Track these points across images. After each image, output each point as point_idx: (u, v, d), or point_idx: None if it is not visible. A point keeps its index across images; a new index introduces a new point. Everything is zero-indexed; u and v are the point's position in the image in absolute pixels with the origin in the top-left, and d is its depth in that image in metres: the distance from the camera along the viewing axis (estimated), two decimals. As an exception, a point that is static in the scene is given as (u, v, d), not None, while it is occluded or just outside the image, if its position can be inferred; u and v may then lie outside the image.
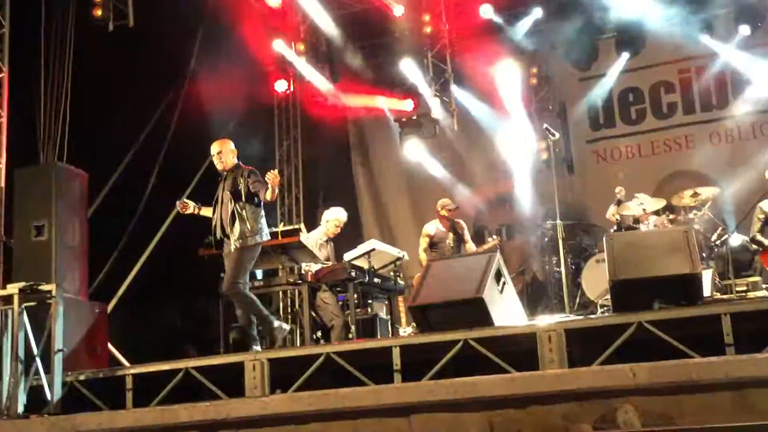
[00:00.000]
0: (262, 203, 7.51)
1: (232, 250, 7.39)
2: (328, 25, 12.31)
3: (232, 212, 7.45)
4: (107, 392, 6.65)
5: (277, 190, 7.30)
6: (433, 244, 10.31)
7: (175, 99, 10.71)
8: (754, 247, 9.66)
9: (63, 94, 8.36)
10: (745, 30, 11.89)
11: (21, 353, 6.38)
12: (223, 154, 7.64)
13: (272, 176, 7.22)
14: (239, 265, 7.38)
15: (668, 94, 12.98)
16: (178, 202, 7.77)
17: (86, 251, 7.87)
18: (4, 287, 7.21)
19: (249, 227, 7.42)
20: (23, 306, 6.45)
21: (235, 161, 7.67)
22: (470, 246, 10.29)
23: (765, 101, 12.13)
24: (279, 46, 12.17)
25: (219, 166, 7.66)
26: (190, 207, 7.75)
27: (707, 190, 10.53)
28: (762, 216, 9.53)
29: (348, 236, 10.42)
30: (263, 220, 7.58)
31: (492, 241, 10.60)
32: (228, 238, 7.43)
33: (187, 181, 10.15)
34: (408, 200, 13.74)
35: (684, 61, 12.70)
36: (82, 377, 6.73)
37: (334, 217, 9.41)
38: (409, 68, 12.70)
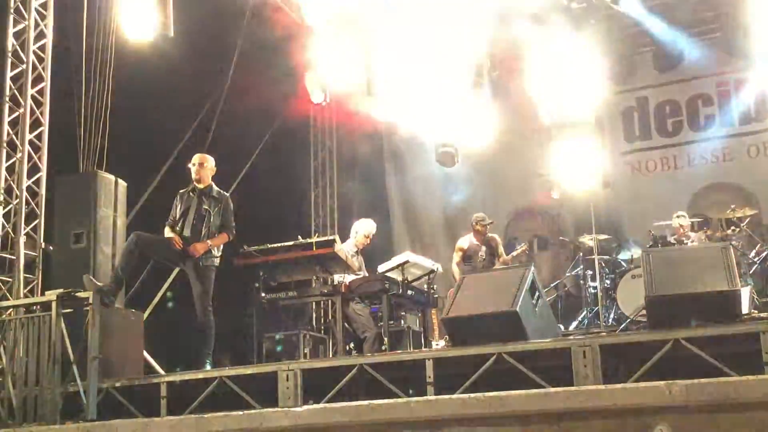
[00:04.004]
0: None
1: (201, 267, 7.46)
2: (366, 34, 12.31)
3: (209, 229, 7.55)
4: (142, 400, 6.71)
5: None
6: (467, 258, 10.35)
7: (213, 109, 10.81)
8: None
9: (103, 103, 8.46)
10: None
11: (58, 359, 6.46)
12: (205, 168, 7.72)
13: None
14: (210, 288, 7.47)
15: (706, 107, 12.90)
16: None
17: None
18: (42, 294, 7.32)
19: (218, 249, 7.58)
20: (61, 312, 6.53)
21: (211, 181, 7.77)
22: (504, 260, 10.32)
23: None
24: (317, 54, 12.20)
25: (195, 177, 7.70)
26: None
27: (745, 207, 10.43)
28: None
29: (380, 248, 10.44)
30: None
31: (520, 248, 10.58)
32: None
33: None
34: (441, 212, 13.74)
35: (722, 74, 12.61)
36: (117, 384, 6.79)
37: (365, 228, 9.40)
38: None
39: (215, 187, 7.76)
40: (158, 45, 8.95)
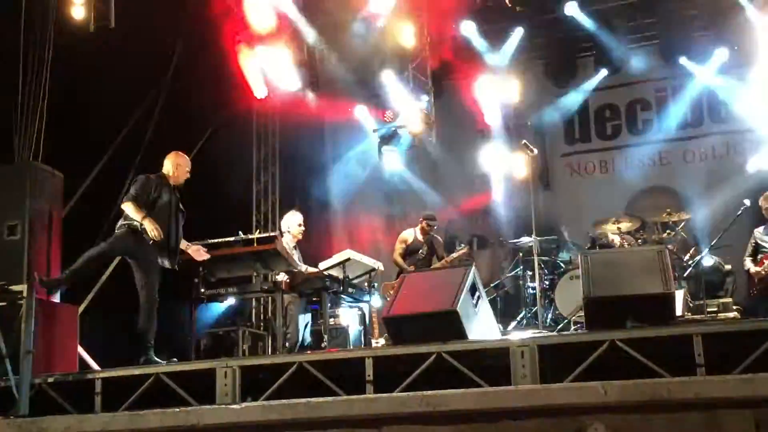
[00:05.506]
0: None
1: (166, 267, 7.46)
2: (309, 33, 12.30)
3: (179, 231, 7.55)
4: (76, 396, 6.59)
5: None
6: (408, 252, 10.39)
7: (154, 103, 10.64)
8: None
9: (41, 93, 8.28)
10: (721, 53, 12.07)
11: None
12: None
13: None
14: (156, 280, 7.45)
15: (644, 112, 13.15)
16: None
17: (59, 252, 7.81)
18: (-26, 287, 7.13)
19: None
20: (-7, 306, 6.39)
21: None
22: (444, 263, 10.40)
23: (739, 122, 12.30)
24: (260, 51, 12.13)
25: (184, 179, 7.76)
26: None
27: (681, 211, 10.66)
28: (753, 242, 9.68)
29: (320, 245, 10.41)
30: None
31: (460, 249, 10.65)
32: (171, 252, 7.47)
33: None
34: (381, 211, 13.75)
35: (661, 80, 12.85)
36: (51, 380, 6.67)
37: (293, 221, 9.35)
38: (389, 79, 12.72)
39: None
40: (99, 36, 8.79)
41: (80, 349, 7.76)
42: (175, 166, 7.73)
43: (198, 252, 7.79)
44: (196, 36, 10.67)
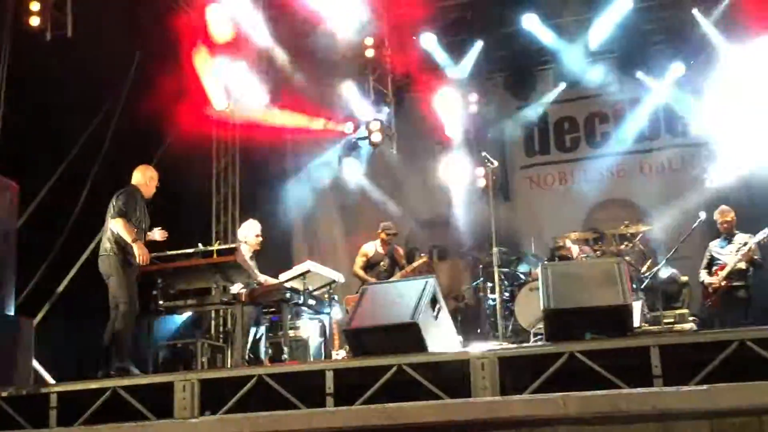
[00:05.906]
0: None
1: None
2: (271, 44, 12.27)
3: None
4: (30, 410, 6.47)
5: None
6: (370, 265, 10.37)
7: (112, 112, 10.53)
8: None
9: (-4, 102, 8.16)
10: (678, 67, 12.26)
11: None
12: None
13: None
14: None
15: (602, 125, 13.31)
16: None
17: (14, 263, 7.68)
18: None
19: None
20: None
21: None
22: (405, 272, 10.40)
23: (694, 135, 12.50)
24: (220, 62, 12.08)
25: (152, 194, 7.78)
26: None
27: (638, 223, 10.78)
28: (708, 255, 9.82)
29: (280, 257, 10.34)
30: None
31: (420, 259, 10.66)
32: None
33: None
34: (341, 222, 13.75)
35: (619, 93, 13.00)
36: (4, 394, 6.54)
37: (251, 231, 9.30)
38: (350, 91, 12.73)
39: None
40: (56, 44, 8.69)
41: (35, 363, 7.63)
42: (148, 178, 7.74)
43: (158, 233, 7.84)
44: (156, 46, 10.58)
